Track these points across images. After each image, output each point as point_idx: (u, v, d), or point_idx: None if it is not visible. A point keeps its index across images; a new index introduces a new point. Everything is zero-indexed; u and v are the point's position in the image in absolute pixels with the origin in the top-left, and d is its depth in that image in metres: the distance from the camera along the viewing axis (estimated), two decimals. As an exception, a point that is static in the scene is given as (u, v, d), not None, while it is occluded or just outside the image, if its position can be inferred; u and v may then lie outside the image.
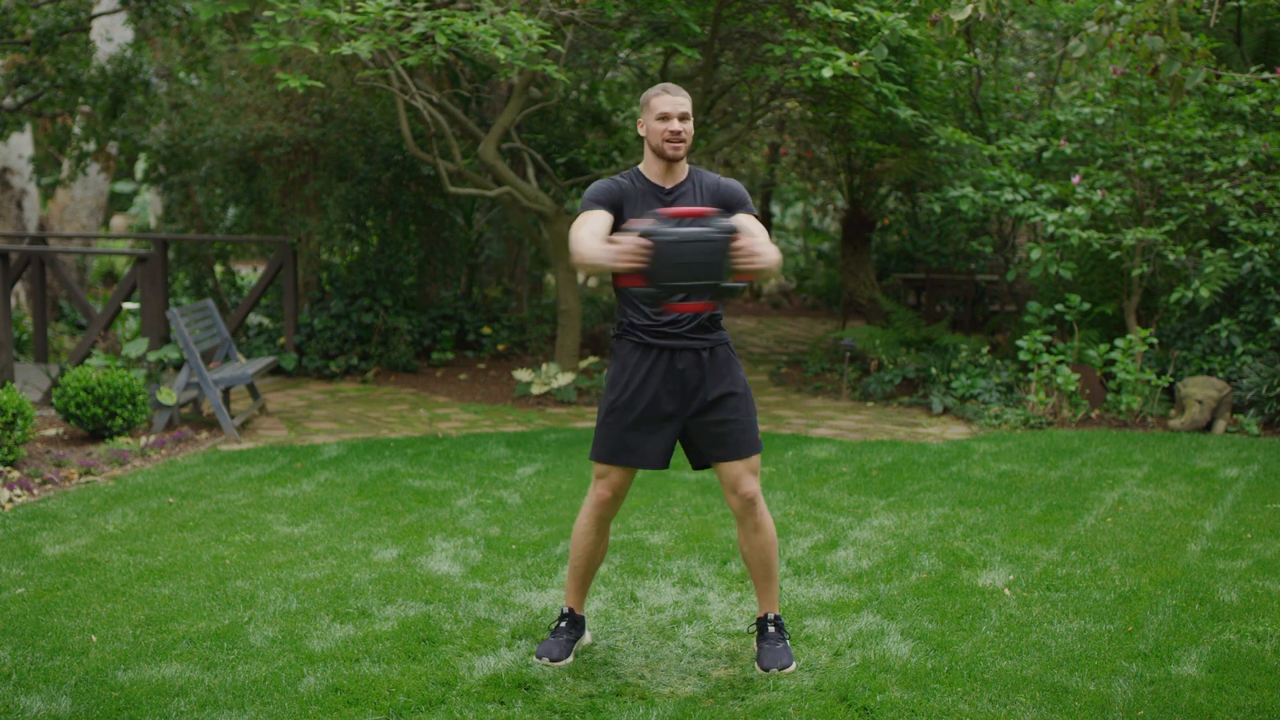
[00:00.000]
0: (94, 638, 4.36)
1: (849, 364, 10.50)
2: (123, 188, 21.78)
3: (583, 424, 8.63)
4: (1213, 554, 5.46)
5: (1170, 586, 4.99)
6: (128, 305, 12.13)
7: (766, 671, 4.09)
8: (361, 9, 7.62)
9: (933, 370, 9.56)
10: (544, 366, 9.71)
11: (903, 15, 7.91)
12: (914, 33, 8.50)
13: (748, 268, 3.59)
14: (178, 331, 7.89)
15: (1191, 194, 8.98)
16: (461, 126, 10.15)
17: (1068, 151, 9.34)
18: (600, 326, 12.21)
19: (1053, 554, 5.45)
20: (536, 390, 9.47)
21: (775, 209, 20.89)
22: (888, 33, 7.59)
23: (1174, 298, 8.71)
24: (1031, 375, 8.86)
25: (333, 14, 7.64)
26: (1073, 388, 8.63)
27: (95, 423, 7.56)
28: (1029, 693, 3.94)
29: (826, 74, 7.82)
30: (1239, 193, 8.81)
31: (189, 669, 4.09)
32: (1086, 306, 9.18)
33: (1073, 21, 10.02)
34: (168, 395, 7.88)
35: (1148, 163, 8.93)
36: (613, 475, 4.11)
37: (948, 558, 5.39)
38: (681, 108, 3.98)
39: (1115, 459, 7.41)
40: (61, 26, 10.71)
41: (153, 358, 8.30)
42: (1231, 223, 8.82)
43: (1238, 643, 4.37)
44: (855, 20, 7.94)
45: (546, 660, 4.14)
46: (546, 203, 9.75)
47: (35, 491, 6.40)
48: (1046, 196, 9.14)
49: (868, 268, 13.20)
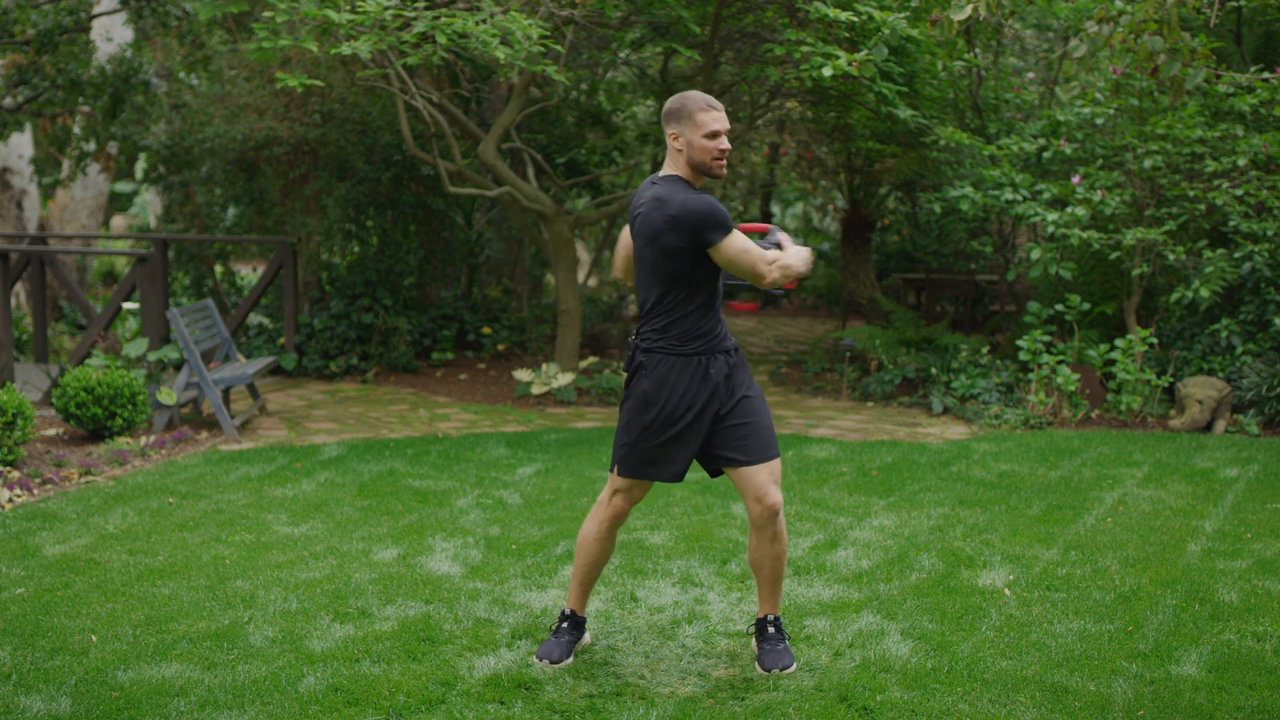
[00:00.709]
0: (94, 638, 4.36)
1: (849, 364, 10.50)
2: (123, 188, 21.78)
3: (583, 424, 8.63)
4: (1213, 554, 5.46)
5: (1170, 586, 4.99)
6: (128, 305, 12.13)
7: (767, 672, 4.10)
8: (361, 9, 7.62)
9: (933, 370, 9.56)
10: (544, 366, 9.71)
11: (903, 15, 7.91)
12: (914, 33, 8.51)
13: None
14: (178, 331, 7.89)
15: (1191, 194, 8.98)
16: (461, 126, 10.15)
17: (1068, 151, 9.34)
18: (600, 326, 12.20)
19: (1053, 554, 5.45)
20: (536, 390, 9.47)
21: (775, 209, 20.88)
22: (888, 32, 7.59)
23: (1174, 298, 8.71)
24: (1031, 375, 8.86)
25: (333, 14, 7.64)
26: (1073, 388, 8.63)
27: (95, 423, 7.56)
28: (1029, 693, 3.94)
29: (826, 74, 7.82)
30: (1239, 193, 8.81)
31: (189, 669, 4.09)
32: (1086, 306, 9.18)
33: (1073, 21, 10.01)
34: (168, 395, 7.88)
35: (1148, 163, 8.92)
36: (636, 490, 4.15)
37: (948, 558, 5.39)
38: (727, 125, 3.94)
39: (1115, 459, 7.41)
40: (61, 26, 10.71)
41: (153, 358, 8.30)
42: (1231, 223, 8.82)
43: (1238, 643, 4.37)
44: (855, 20, 7.94)
45: (547, 662, 4.15)
46: (546, 203, 9.74)
47: (35, 491, 6.40)
48: (1046, 196, 9.14)
49: (868, 268, 13.19)
